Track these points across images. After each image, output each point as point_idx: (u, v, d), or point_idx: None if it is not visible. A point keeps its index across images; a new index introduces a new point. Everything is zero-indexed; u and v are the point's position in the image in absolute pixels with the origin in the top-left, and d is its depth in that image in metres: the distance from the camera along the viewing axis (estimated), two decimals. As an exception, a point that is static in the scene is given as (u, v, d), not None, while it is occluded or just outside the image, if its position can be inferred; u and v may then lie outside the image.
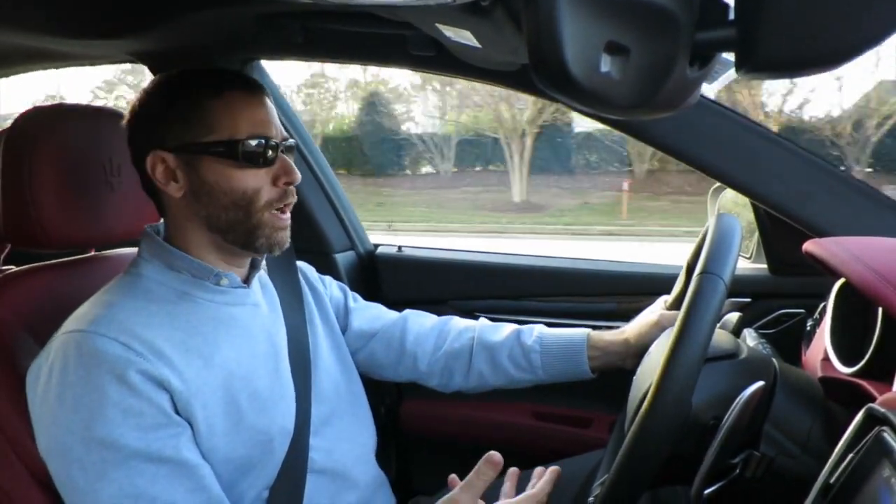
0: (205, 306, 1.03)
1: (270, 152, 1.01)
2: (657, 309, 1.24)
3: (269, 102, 1.05)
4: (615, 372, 1.22)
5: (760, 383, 0.84)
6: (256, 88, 1.04)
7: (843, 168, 1.28)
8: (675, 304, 1.21)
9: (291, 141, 1.07)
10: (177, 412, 0.94)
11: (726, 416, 0.82)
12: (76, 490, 0.90)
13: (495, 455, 0.92)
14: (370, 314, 1.36)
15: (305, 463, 1.07)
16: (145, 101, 1.03)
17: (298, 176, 1.04)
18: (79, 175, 1.09)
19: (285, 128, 1.71)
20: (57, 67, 1.84)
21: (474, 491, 0.91)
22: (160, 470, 0.90)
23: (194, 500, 0.92)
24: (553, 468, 1.02)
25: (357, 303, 1.37)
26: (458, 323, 1.35)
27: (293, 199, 1.06)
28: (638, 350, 1.16)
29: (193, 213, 1.03)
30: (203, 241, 1.04)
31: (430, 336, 1.33)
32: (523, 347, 1.27)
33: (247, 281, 1.11)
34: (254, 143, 1.00)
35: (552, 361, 1.26)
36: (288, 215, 1.06)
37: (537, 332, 1.29)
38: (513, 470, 1.06)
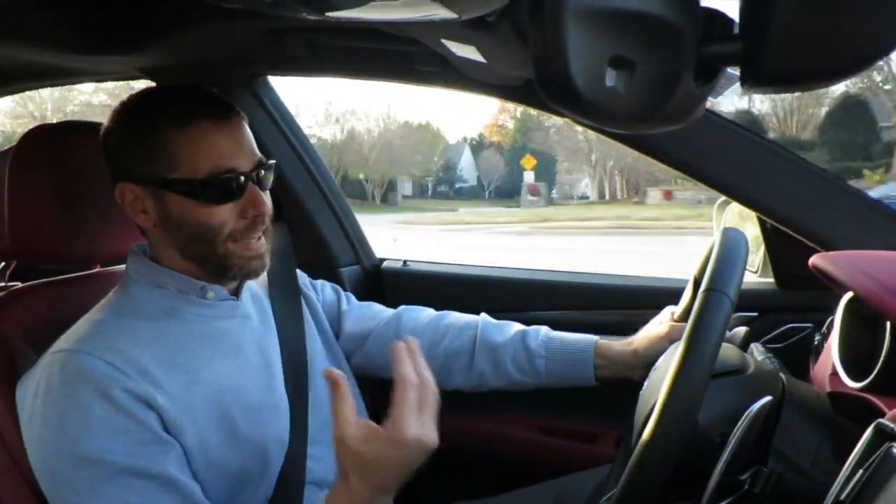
0: (193, 321, 1.03)
1: (237, 185, 0.99)
2: (665, 320, 1.23)
3: (241, 125, 1.02)
4: (621, 386, 1.21)
5: (768, 398, 0.83)
6: (225, 115, 1.00)
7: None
8: (683, 317, 1.20)
9: (271, 162, 1.05)
10: (165, 430, 0.94)
11: (734, 432, 0.81)
12: None
13: (332, 372, 0.86)
14: (363, 314, 1.35)
15: (303, 473, 1.07)
16: (114, 127, 1.02)
17: (268, 207, 1.02)
18: (84, 191, 1.10)
19: (287, 138, 1.73)
20: (64, 84, 1.86)
21: (344, 416, 0.85)
22: (150, 485, 0.90)
23: None
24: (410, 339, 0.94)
25: (350, 304, 1.36)
26: (457, 319, 1.33)
27: (265, 227, 1.04)
28: (646, 361, 1.15)
29: (167, 242, 1.03)
30: (182, 266, 1.04)
31: (427, 332, 1.31)
32: (528, 351, 1.26)
33: (236, 293, 1.11)
34: (217, 179, 0.97)
35: (557, 367, 1.24)
36: (262, 242, 1.04)
37: (543, 334, 1.27)
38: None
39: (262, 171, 1.03)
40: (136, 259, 1.07)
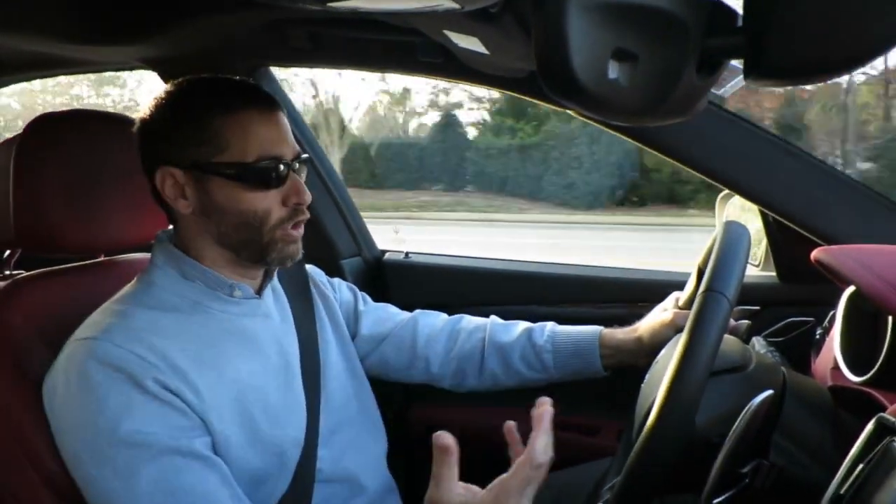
0: (218, 318, 1.03)
1: (282, 172, 1.00)
2: (670, 306, 1.23)
3: (283, 117, 1.03)
4: (623, 379, 1.21)
5: (769, 392, 0.83)
6: (270, 104, 1.02)
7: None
8: (688, 304, 1.20)
9: (305, 155, 1.06)
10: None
11: (734, 427, 0.82)
12: (111, 493, 0.89)
13: (442, 437, 0.83)
14: (380, 316, 1.35)
15: (314, 473, 1.07)
16: (155, 113, 1.01)
17: (309, 196, 1.03)
18: (90, 180, 1.10)
19: (296, 138, 1.73)
20: (67, 74, 1.86)
21: (445, 483, 0.84)
22: (191, 463, 0.91)
23: (225, 493, 0.92)
24: (544, 404, 0.90)
25: (367, 305, 1.36)
26: (468, 322, 1.34)
27: (305, 217, 1.05)
28: (651, 349, 1.14)
29: (204, 229, 1.02)
30: (215, 255, 1.04)
31: (441, 337, 1.32)
32: (535, 347, 1.26)
33: (259, 291, 1.10)
34: (264, 164, 0.98)
35: (564, 361, 1.25)
36: (301, 230, 1.05)
37: (549, 330, 1.28)
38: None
39: (300, 164, 1.04)
40: (163, 247, 1.06)
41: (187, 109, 0.99)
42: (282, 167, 1.00)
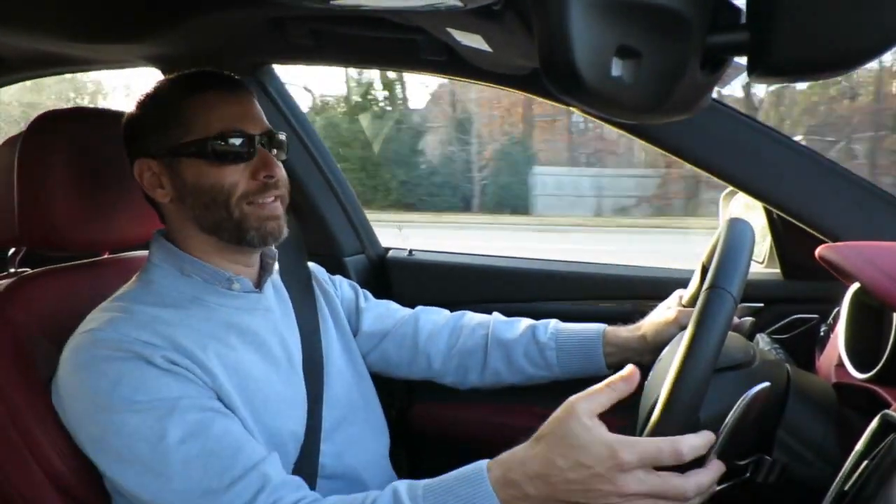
0: (218, 311, 1.04)
1: (247, 147, 1.01)
2: (673, 304, 1.23)
3: (251, 98, 1.06)
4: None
5: (765, 384, 0.83)
6: (234, 85, 1.05)
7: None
8: (692, 302, 1.20)
9: (282, 135, 1.07)
10: None
11: (728, 416, 0.81)
12: (144, 463, 0.89)
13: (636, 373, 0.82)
14: (381, 313, 1.35)
15: (316, 468, 1.07)
16: (133, 112, 1.06)
17: (279, 170, 1.04)
18: (94, 178, 1.10)
19: (292, 127, 1.73)
20: (70, 72, 1.86)
21: (595, 404, 0.81)
22: (216, 416, 0.93)
23: (252, 439, 0.94)
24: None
25: (368, 302, 1.37)
26: (471, 319, 1.34)
27: (277, 192, 1.05)
28: (655, 346, 1.14)
29: (184, 216, 1.04)
30: (203, 245, 1.05)
31: (443, 333, 1.32)
32: (539, 344, 1.26)
33: (259, 285, 1.11)
34: (228, 139, 1.00)
35: (568, 358, 1.25)
36: (276, 204, 1.05)
37: (552, 327, 1.28)
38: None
39: (273, 145, 1.05)
40: (159, 246, 1.07)
41: (155, 100, 1.05)
42: (247, 141, 1.01)
